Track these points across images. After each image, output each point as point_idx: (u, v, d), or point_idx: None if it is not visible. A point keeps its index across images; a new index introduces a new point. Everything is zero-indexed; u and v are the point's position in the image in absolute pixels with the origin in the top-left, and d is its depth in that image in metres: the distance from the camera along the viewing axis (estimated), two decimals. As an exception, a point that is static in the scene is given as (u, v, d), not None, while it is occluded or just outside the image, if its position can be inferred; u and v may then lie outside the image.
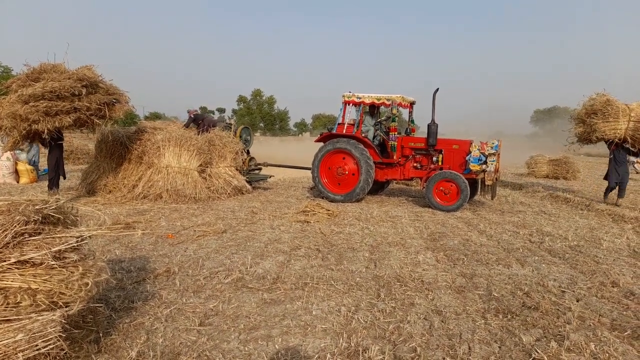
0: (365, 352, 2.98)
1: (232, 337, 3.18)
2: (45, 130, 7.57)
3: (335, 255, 5.36)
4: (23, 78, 7.86)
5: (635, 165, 21.02)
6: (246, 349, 3.02)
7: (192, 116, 11.73)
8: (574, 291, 4.28)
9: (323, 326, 3.39)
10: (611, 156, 9.73)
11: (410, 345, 3.12)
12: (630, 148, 9.52)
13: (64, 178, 9.38)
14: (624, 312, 3.79)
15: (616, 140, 9.34)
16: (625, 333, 3.38)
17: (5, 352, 2.29)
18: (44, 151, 9.60)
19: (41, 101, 7.49)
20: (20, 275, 2.49)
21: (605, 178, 10.04)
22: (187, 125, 11.67)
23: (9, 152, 11.81)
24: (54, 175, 8.87)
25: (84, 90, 7.72)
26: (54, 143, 8.55)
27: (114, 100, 8.44)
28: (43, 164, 16.35)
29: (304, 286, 4.24)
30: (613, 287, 4.44)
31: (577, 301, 4.02)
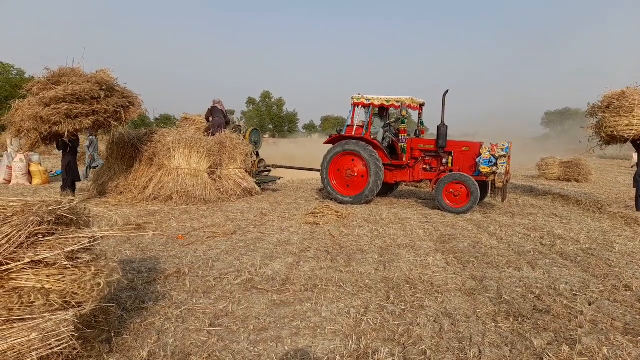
0: (375, 355, 2.98)
1: (242, 338, 3.20)
2: (66, 132, 7.85)
3: (345, 257, 5.36)
4: (44, 81, 8.18)
5: None
6: (256, 350, 3.04)
7: (210, 107, 11.73)
8: (586, 295, 4.23)
9: (332, 328, 3.39)
10: (637, 159, 8.94)
11: (420, 348, 3.11)
12: None
13: (78, 180, 9.50)
14: (637, 316, 3.74)
15: (631, 137, 8.58)
16: (639, 337, 3.33)
17: (19, 350, 2.33)
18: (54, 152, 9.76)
19: (62, 104, 7.77)
20: (34, 275, 2.53)
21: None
22: (206, 118, 11.71)
23: (22, 153, 11.99)
24: (67, 177, 9.02)
25: (102, 94, 8.05)
26: (71, 145, 8.73)
27: (129, 103, 8.71)
28: (56, 165, 16.57)
29: (314, 288, 4.25)
30: (626, 290, 4.38)
31: (589, 305, 3.98)
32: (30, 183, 11.82)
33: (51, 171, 13.65)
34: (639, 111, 8.38)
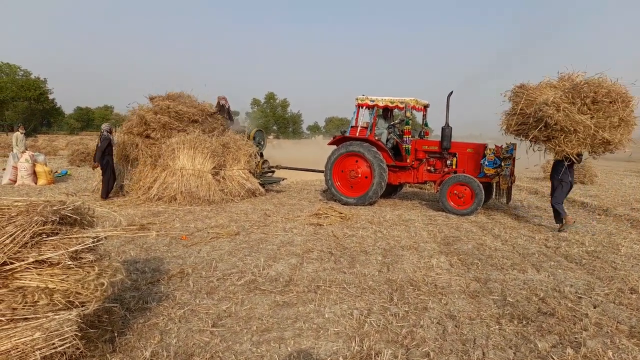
0: (378, 356, 2.97)
1: (245, 338, 3.20)
2: (157, 136, 9.83)
3: (348, 259, 5.35)
4: (164, 96, 10.49)
5: None
6: (259, 350, 3.03)
7: (221, 103, 11.67)
8: (590, 297, 4.20)
9: (335, 329, 3.38)
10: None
11: (423, 350, 3.10)
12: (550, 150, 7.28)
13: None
14: (643, 320, 3.71)
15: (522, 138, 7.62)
16: (644, 341, 3.31)
17: (23, 349, 2.33)
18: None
19: (165, 116, 9.94)
20: (38, 274, 2.54)
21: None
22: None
23: (27, 154, 12.05)
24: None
25: (199, 119, 10.25)
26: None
27: (214, 128, 10.67)
28: (61, 165, 16.67)
29: (317, 289, 4.24)
30: (631, 293, 4.35)
31: (594, 307, 3.95)
32: (36, 183, 11.87)
33: (56, 171, 13.71)
34: (527, 108, 7.35)
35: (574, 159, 7.01)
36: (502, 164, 8.68)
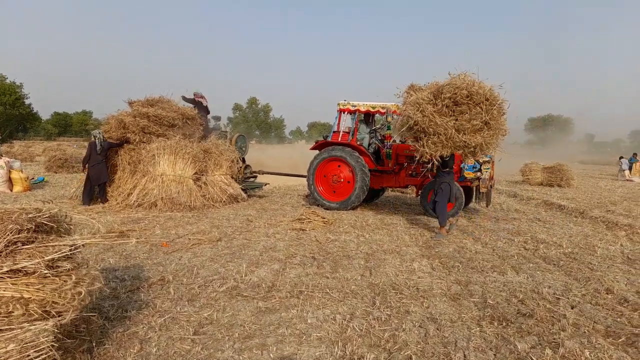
0: (361, 361, 2.97)
1: (227, 346, 3.17)
2: (137, 140, 9.75)
3: (331, 263, 5.35)
4: (143, 101, 10.47)
5: (625, 172, 21.21)
6: (241, 358, 3.01)
7: (197, 100, 11.48)
8: (568, 298, 4.29)
9: (318, 334, 3.38)
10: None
11: (406, 353, 3.11)
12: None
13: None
14: (618, 319, 3.80)
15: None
16: (620, 340, 3.39)
17: (-4, 362, 2.27)
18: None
19: (144, 119, 9.76)
20: (13, 284, 2.47)
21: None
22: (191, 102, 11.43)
23: (2, 160, 11.76)
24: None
25: (179, 123, 10.20)
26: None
27: (194, 130, 10.66)
28: (38, 172, 16.30)
29: (299, 294, 4.23)
30: (607, 294, 4.45)
31: (572, 308, 4.03)
32: (11, 190, 11.57)
33: (33, 178, 13.40)
34: (407, 110, 7.09)
35: (436, 161, 6.90)
36: (482, 168, 8.82)
